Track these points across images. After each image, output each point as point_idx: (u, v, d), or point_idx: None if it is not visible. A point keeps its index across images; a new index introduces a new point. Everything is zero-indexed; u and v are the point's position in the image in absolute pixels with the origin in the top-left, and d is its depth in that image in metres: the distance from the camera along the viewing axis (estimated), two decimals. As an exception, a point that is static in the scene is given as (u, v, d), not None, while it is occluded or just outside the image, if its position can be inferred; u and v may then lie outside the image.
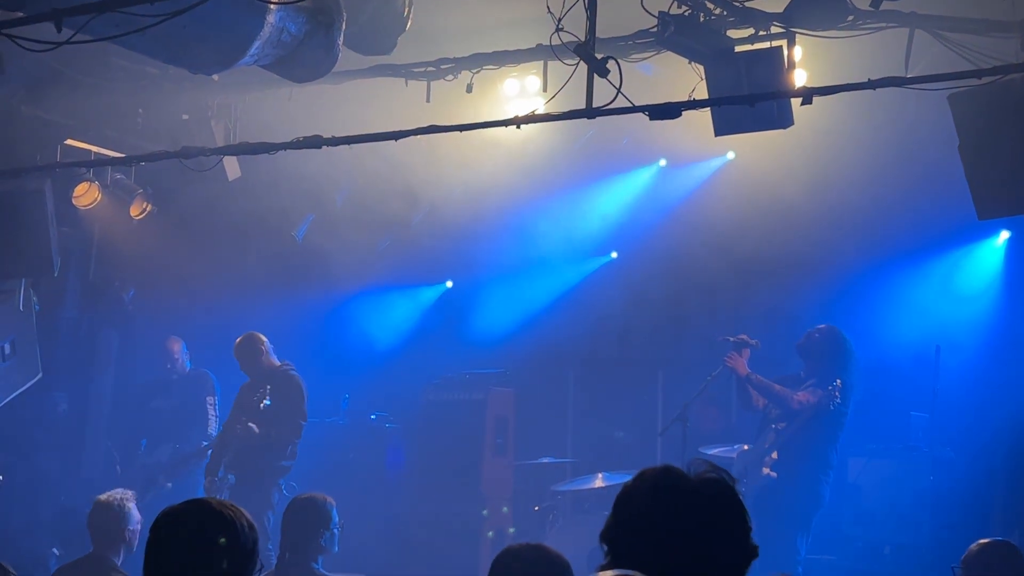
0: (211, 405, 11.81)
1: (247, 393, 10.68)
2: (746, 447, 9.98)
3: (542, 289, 13.30)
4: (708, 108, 8.10)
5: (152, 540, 3.54)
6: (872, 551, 10.35)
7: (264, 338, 10.77)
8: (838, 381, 9.28)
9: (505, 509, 11.78)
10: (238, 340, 10.80)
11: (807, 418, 9.37)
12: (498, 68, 10.02)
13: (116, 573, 6.87)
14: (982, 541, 5.75)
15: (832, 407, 9.27)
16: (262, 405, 10.31)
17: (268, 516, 9.89)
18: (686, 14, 8.05)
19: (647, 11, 7.80)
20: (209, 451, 10.84)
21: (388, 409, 12.91)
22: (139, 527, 7.07)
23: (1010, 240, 11.22)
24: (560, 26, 6.90)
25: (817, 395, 9.34)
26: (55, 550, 10.65)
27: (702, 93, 8.18)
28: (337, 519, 6.97)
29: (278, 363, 10.75)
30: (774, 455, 9.52)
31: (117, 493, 7.22)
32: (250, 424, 10.21)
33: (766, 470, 9.52)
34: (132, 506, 7.12)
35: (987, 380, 10.64)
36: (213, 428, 11.73)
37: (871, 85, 7.00)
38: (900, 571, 10.03)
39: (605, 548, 3.05)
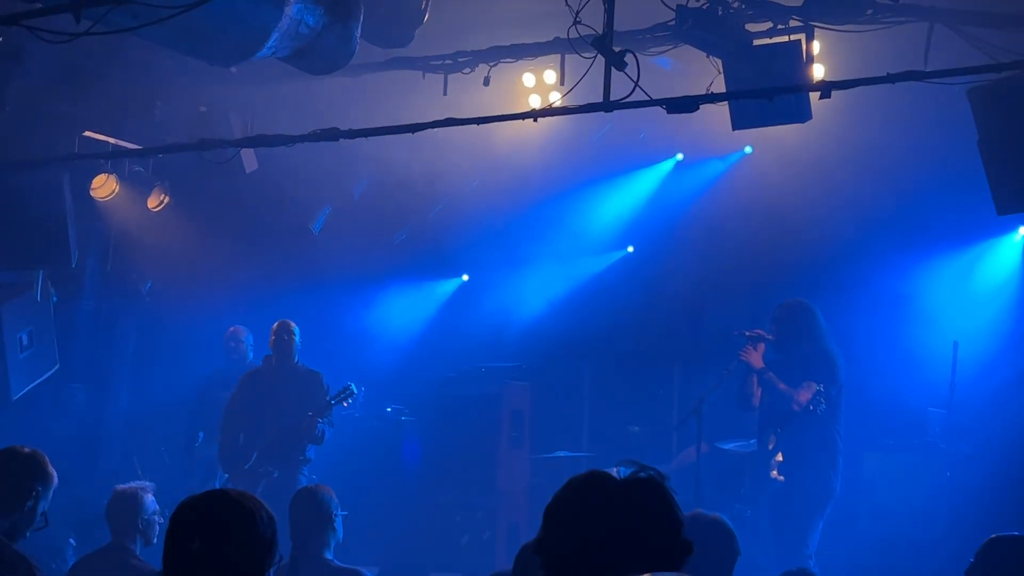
0: None
1: (269, 385, 10.66)
2: (761, 444, 9.96)
3: (558, 283, 13.30)
4: (726, 102, 8.09)
5: (171, 530, 3.55)
6: (888, 546, 10.33)
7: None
8: (820, 386, 9.24)
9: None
10: (278, 326, 10.74)
11: (804, 418, 9.33)
12: (515, 61, 10.03)
13: (135, 561, 6.90)
14: (996, 536, 5.71)
15: (819, 412, 9.25)
16: (349, 403, 10.49)
17: None
18: (704, 7, 8.04)
19: (665, 5, 7.80)
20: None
21: (404, 402, 12.91)
22: (156, 517, 7.11)
23: (1029, 236, 11.20)
24: (578, 19, 6.89)
25: (812, 390, 9.30)
26: (71, 540, 10.67)
27: (720, 87, 8.17)
28: (338, 508, 6.98)
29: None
30: (779, 457, 9.50)
31: (135, 483, 7.27)
32: (322, 426, 10.33)
33: (774, 473, 9.50)
34: (149, 496, 7.15)
35: (1005, 376, 10.60)
36: None
37: (890, 79, 6.97)
38: (916, 566, 10.01)
39: (540, 560, 3.05)
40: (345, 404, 10.57)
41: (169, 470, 11.79)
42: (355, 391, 10.56)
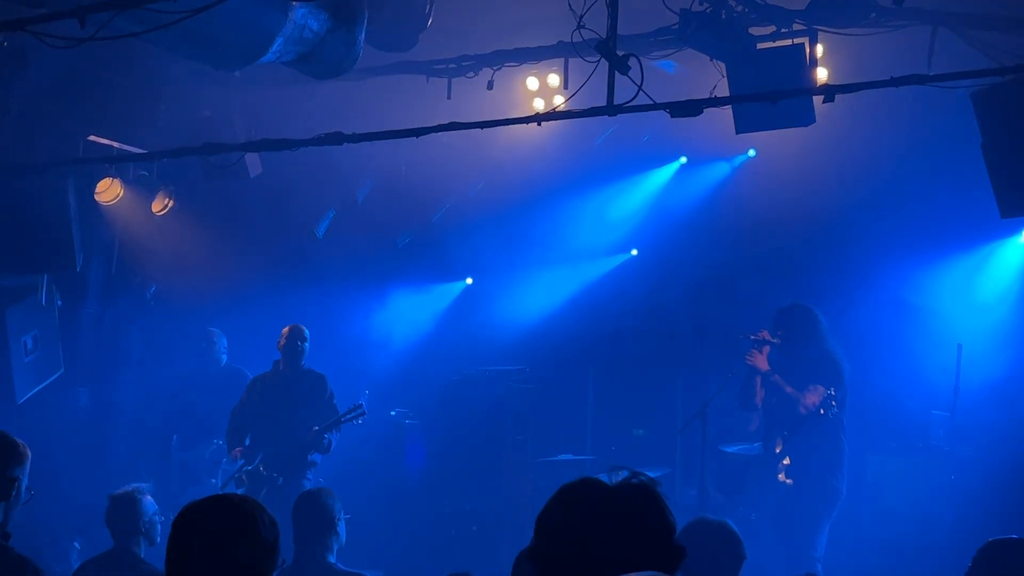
0: None
1: (273, 390, 10.66)
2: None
3: (562, 286, 13.30)
4: (729, 105, 8.09)
5: (174, 535, 3.56)
6: (891, 548, 10.34)
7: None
8: (832, 390, 9.24)
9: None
10: (290, 330, 10.73)
11: (812, 422, 9.33)
12: (519, 65, 10.06)
13: (141, 564, 6.91)
14: (992, 540, 5.72)
15: (830, 416, 9.25)
16: (358, 422, 10.40)
17: None
18: (708, 11, 8.05)
19: (669, 8, 7.81)
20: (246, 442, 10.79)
21: (408, 405, 12.92)
22: (157, 518, 7.11)
23: (1032, 238, 11.19)
24: (581, 23, 6.90)
25: (819, 393, 9.30)
26: (76, 544, 10.69)
27: (723, 91, 8.18)
28: (341, 511, 7.00)
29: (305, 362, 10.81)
30: (786, 461, 9.50)
31: (130, 487, 7.26)
32: (325, 435, 10.30)
33: (782, 476, 9.51)
34: (146, 498, 7.15)
35: (1008, 378, 10.60)
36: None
37: (894, 83, 6.97)
38: (919, 568, 10.01)
39: (533, 568, 3.05)
40: (357, 423, 10.55)
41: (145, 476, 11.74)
42: (365, 410, 10.55)
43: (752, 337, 9.71)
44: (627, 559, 2.90)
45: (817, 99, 7.92)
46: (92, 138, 10.73)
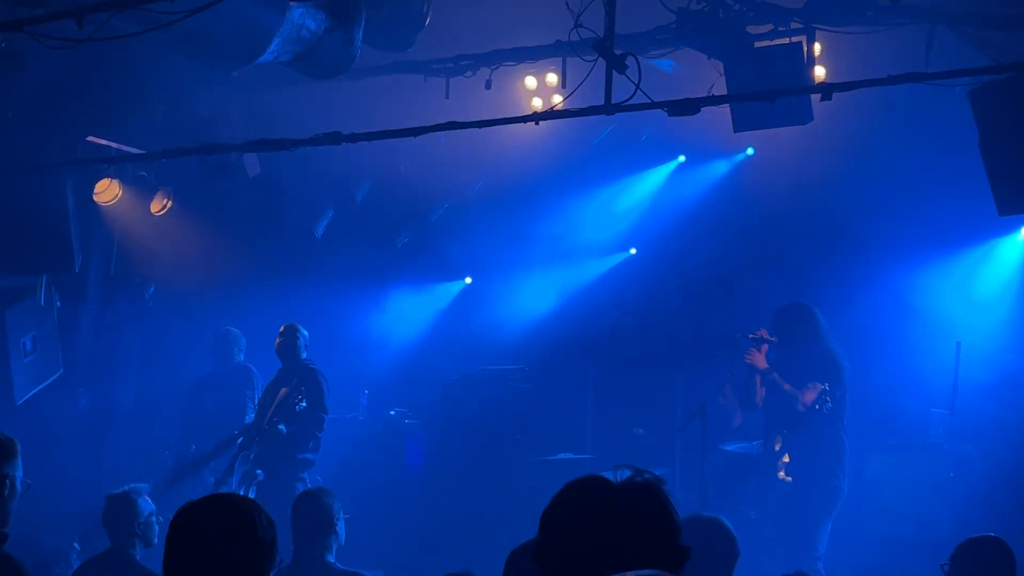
0: (250, 400, 11.67)
1: (272, 389, 10.70)
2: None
3: (561, 285, 13.30)
4: (727, 104, 8.09)
5: (171, 535, 3.56)
6: (892, 547, 10.33)
7: (305, 332, 10.76)
8: (826, 385, 9.24)
9: None
10: (283, 330, 10.70)
11: (811, 419, 9.33)
12: (517, 64, 10.06)
13: (137, 567, 6.90)
14: (971, 538, 5.75)
15: (824, 411, 9.25)
16: (298, 408, 10.31)
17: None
18: (705, 10, 8.06)
19: (666, 7, 7.82)
20: (238, 441, 10.77)
21: (407, 405, 12.91)
22: (153, 519, 7.10)
23: (1031, 236, 11.19)
24: (579, 22, 6.91)
25: (818, 391, 9.30)
26: (75, 544, 10.68)
27: (721, 89, 8.18)
28: (340, 512, 7.00)
29: (304, 358, 10.78)
30: (786, 458, 9.51)
31: (127, 488, 7.25)
32: (279, 425, 10.24)
33: (782, 474, 9.51)
34: (143, 499, 7.14)
35: (1008, 376, 10.60)
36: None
37: (891, 81, 6.97)
38: (920, 567, 10.00)
39: (537, 566, 3.04)
40: (299, 407, 10.43)
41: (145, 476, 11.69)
42: (303, 394, 10.45)
43: (751, 336, 9.71)
44: (631, 557, 2.89)
45: (815, 97, 7.92)
46: (91, 138, 10.73)
